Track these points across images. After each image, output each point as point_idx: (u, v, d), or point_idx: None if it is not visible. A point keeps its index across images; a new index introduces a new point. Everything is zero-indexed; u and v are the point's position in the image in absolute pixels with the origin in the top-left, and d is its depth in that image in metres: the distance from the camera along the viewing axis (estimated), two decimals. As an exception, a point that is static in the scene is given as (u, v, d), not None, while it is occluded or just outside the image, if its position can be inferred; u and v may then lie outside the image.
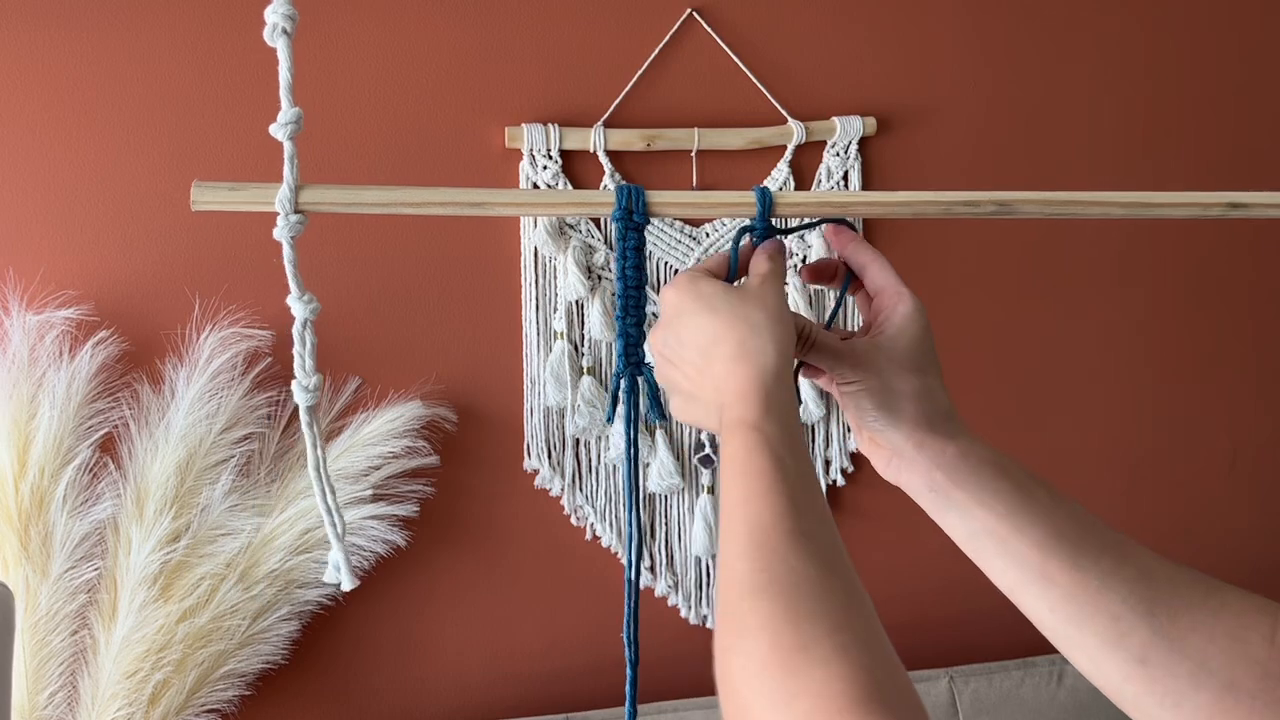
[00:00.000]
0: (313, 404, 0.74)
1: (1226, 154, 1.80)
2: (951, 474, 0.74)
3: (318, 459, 0.75)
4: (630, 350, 0.80)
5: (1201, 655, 0.64)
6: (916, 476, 0.75)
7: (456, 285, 1.53)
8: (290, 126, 0.71)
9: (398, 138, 1.48)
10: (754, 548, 0.61)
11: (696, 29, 1.56)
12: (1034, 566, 0.68)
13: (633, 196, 0.77)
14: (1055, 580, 0.68)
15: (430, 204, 0.76)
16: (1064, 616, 0.67)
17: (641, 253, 0.79)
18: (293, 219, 0.72)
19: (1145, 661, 0.64)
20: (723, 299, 0.73)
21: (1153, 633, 0.65)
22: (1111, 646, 0.65)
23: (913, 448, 0.75)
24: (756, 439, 0.67)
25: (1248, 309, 1.84)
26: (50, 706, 1.32)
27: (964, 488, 0.73)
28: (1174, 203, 0.81)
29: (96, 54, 1.39)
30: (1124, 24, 1.74)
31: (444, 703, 1.59)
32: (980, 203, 0.80)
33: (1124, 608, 0.65)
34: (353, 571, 0.78)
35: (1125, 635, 0.65)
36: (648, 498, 1.62)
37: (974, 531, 0.72)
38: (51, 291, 1.39)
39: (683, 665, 1.64)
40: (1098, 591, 0.66)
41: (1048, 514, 0.70)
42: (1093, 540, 0.68)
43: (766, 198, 0.78)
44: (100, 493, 1.35)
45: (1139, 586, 0.66)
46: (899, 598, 1.76)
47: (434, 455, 1.50)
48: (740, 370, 0.71)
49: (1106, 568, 0.67)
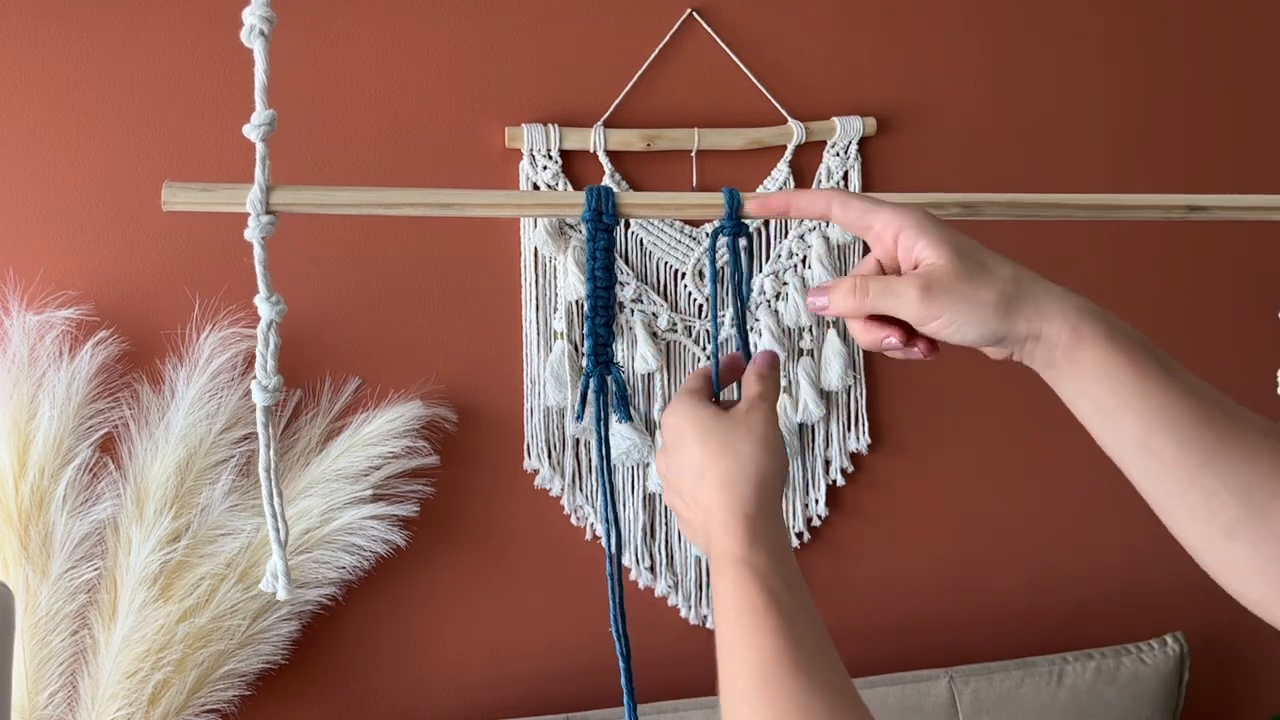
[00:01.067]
0: (270, 404, 0.74)
1: (1227, 154, 1.80)
2: (1067, 353, 0.69)
3: (268, 460, 0.75)
4: (600, 350, 0.81)
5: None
6: (1038, 362, 0.70)
7: (456, 285, 1.53)
8: (264, 128, 0.71)
9: (398, 138, 1.49)
10: (754, 689, 0.62)
11: (696, 29, 1.56)
12: (1138, 440, 0.66)
13: (602, 198, 0.78)
14: (1159, 455, 0.66)
15: (401, 205, 0.76)
16: (1161, 489, 0.66)
17: (611, 253, 0.80)
18: (264, 220, 0.72)
19: (1232, 537, 0.64)
20: (713, 427, 0.75)
21: (1246, 510, 0.64)
22: (1200, 521, 0.65)
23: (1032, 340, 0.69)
24: (745, 574, 0.67)
25: (1250, 309, 1.84)
26: (50, 706, 1.32)
27: (1078, 364, 0.68)
28: (1135, 205, 0.82)
29: (96, 54, 1.39)
30: (1123, 24, 1.74)
31: (444, 703, 1.59)
32: (945, 205, 0.81)
33: (1219, 485, 0.64)
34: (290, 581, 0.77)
35: (1215, 511, 0.64)
36: (648, 497, 1.62)
37: (1081, 409, 0.69)
38: (51, 291, 1.39)
39: (683, 665, 1.64)
40: (1198, 468, 0.65)
41: (1159, 389, 0.67)
42: (1200, 412, 0.66)
43: (735, 199, 0.79)
44: (100, 493, 1.35)
45: (1241, 464, 0.64)
46: (899, 598, 1.76)
47: (434, 455, 1.50)
48: (723, 499, 0.72)
49: (1211, 444, 0.65)
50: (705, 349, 1.60)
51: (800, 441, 1.66)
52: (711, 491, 0.73)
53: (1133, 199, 0.82)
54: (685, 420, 0.76)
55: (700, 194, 0.81)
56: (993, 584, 1.80)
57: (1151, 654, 1.72)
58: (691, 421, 0.76)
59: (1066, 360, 0.69)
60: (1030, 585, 1.82)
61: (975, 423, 1.74)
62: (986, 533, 1.78)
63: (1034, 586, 1.82)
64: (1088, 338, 0.68)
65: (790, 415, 1.63)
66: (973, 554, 1.78)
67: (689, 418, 0.76)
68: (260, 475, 0.75)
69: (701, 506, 0.74)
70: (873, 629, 1.75)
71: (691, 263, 1.58)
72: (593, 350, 0.81)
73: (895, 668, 1.68)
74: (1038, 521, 1.81)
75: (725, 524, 0.71)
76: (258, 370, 0.74)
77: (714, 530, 0.72)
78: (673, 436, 0.77)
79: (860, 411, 1.67)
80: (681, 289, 1.59)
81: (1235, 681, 1.93)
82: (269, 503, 0.76)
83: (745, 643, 0.64)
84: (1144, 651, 1.73)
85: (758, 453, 0.73)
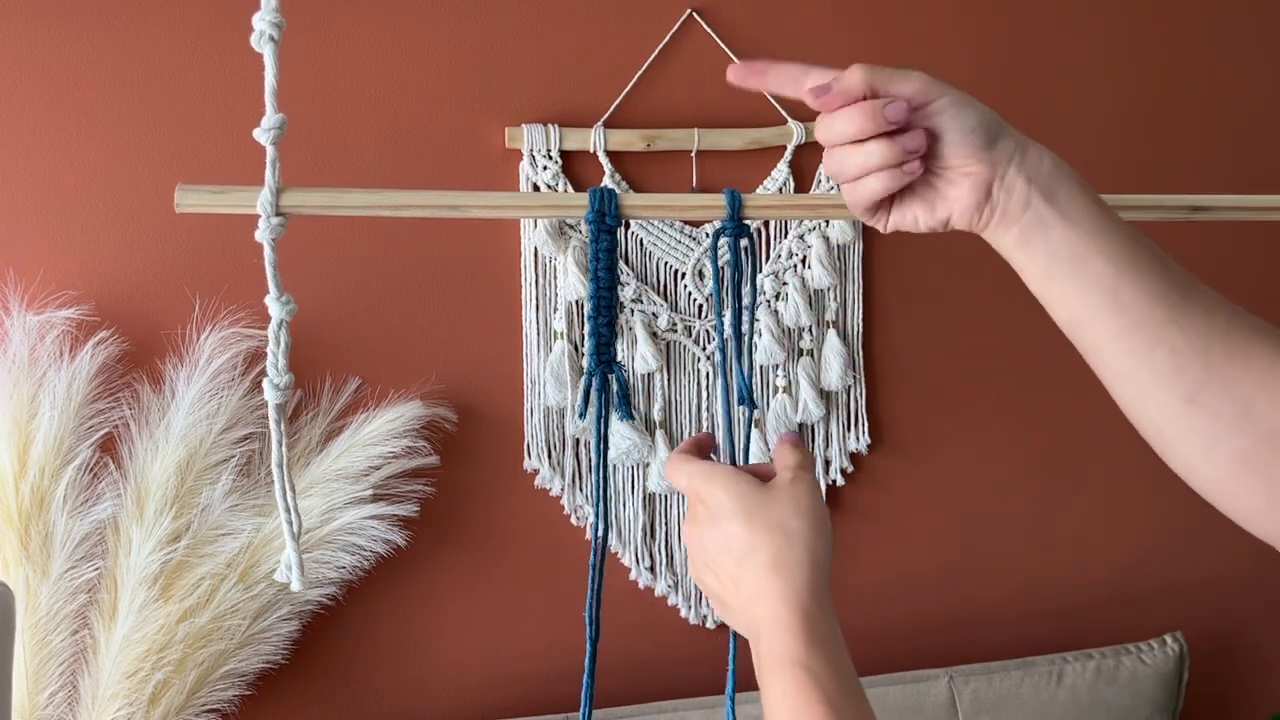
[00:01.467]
0: (281, 402, 0.76)
1: (1228, 154, 1.80)
2: (1046, 185, 0.68)
3: (281, 456, 0.76)
4: (602, 349, 0.81)
5: (1249, 399, 0.63)
6: (1016, 195, 0.68)
7: (456, 285, 1.53)
8: (274, 132, 0.72)
9: (398, 138, 1.49)
10: None
11: (696, 29, 1.56)
12: (1108, 291, 0.65)
13: (605, 199, 0.79)
14: (1126, 306, 0.65)
15: (408, 206, 0.77)
16: (1126, 347, 0.65)
17: (614, 254, 0.80)
18: (274, 221, 0.73)
19: (1193, 400, 0.63)
20: (757, 501, 0.70)
21: (1206, 369, 0.63)
22: (1164, 382, 0.64)
23: (1019, 157, 0.68)
24: (805, 680, 0.63)
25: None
26: (50, 706, 1.32)
27: (1054, 202, 0.67)
28: (1137, 205, 0.82)
29: (96, 54, 1.39)
30: (1120, 26, 1.74)
31: (444, 702, 1.59)
32: None
33: (1183, 341, 0.64)
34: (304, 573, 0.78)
35: (1180, 370, 0.64)
36: (647, 497, 1.62)
37: (1056, 254, 0.67)
38: (51, 291, 1.39)
39: (683, 665, 1.64)
40: (1164, 323, 0.64)
41: (1129, 239, 0.67)
42: (1167, 272, 0.66)
43: (736, 200, 0.79)
44: (100, 493, 1.35)
45: (1200, 322, 0.64)
46: (899, 598, 1.76)
47: (434, 455, 1.50)
48: (775, 587, 0.67)
49: (1175, 300, 0.65)
50: (705, 349, 1.60)
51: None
52: (761, 576, 0.67)
53: (1135, 199, 0.82)
54: (723, 491, 0.71)
55: (701, 195, 0.81)
56: (993, 584, 1.80)
57: (1151, 654, 1.72)
58: (731, 494, 0.70)
59: (1044, 194, 0.67)
60: (1030, 585, 1.82)
61: (975, 423, 1.74)
62: (986, 533, 1.78)
63: (1034, 586, 1.82)
64: (1065, 173, 0.68)
65: (790, 415, 1.63)
66: (973, 554, 1.78)
67: (727, 488, 0.71)
68: (274, 470, 0.77)
69: (745, 590, 0.68)
70: (873, 629, 1.75)
71: (691, 263, 1.59)
72: (595, 349, 0.81)
73: (895, 667, 1.68)
74: (1038, 521, 1.81)
75: (780, 619, 0.66)
76: (269, 369, 0.75)
77: (764, 621, 0.67)
78: (707, 512, 0.71)
79: (860, 411, 1.67)
80: (681, 289, 1.59)
81: (1235, 681, 1.93)
82: (282, 497, 0.77)
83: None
84: (1144, 651, 1.73)
85: (809, 531, 0.68)
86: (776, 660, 0.64)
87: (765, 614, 0.67)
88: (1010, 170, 0.68)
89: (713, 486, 0.72)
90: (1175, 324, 0.64)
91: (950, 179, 0.70)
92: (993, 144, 0.69)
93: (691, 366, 1.60)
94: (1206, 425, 0.63)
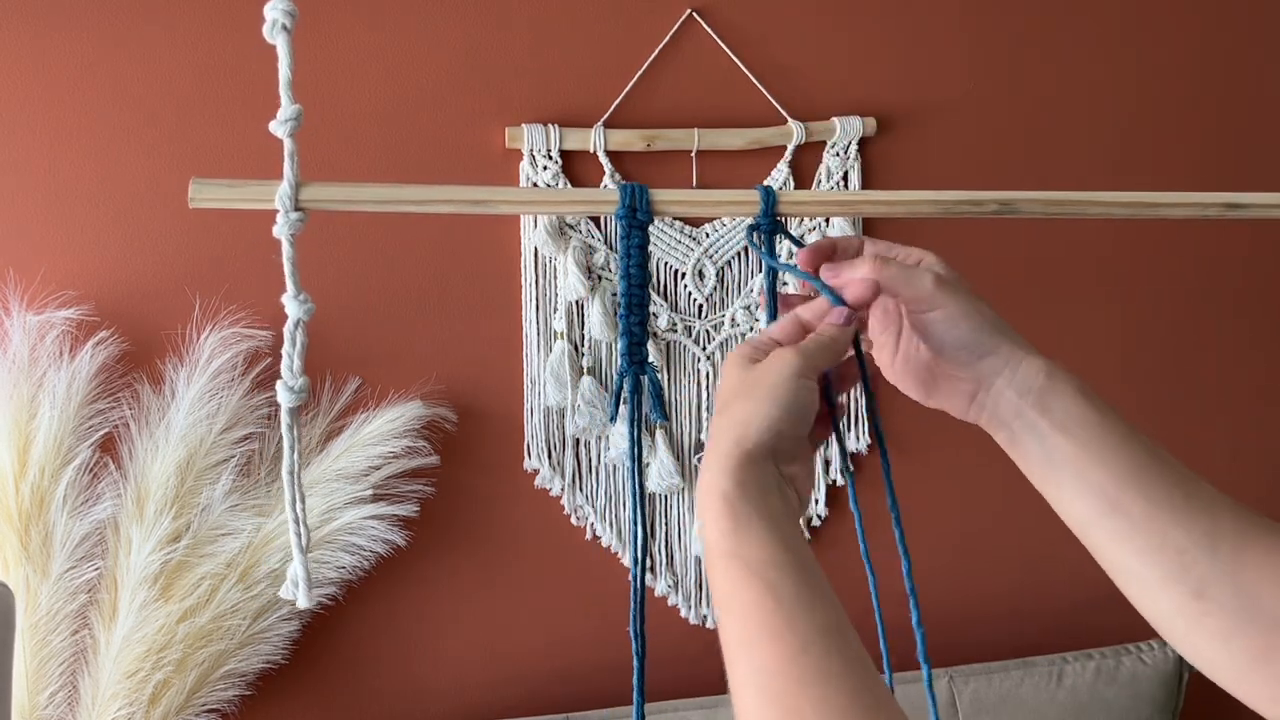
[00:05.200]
0: (295, 405, 0.72)
1: (1228, 154, 1.80)
2: (1039, 399, 0.70)
3: (293, 463, 0.73)
4: (634, 349, 0.79)
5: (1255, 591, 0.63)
6: (1004, 407, 0.71)
7: (456, 285, 1.53)
8: (290, 124, 0.70)
9: (398, 138, 1.49)
10: (766, 702, 0.56)
11: (696, 29, 1.56)
12: (1109, 498, 0.67)
13: (636, 195, 0.77)
14: (1128, 512, 0.66)
15: (431, 202, 0.75)
16: (1132, 549, 0.66)
17: (645, 251, 0.78)
18: (293, 216, 0.71)
19: (1201, 596, 0.64)
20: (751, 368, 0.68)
21: (1213, 566, 0.64)
22: (1173, 580, 0.65)
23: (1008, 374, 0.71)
24: (737, 569, 0.60)
25: (1249, 309, 1.84)
26: (50, 706, 1.32)
27: (1048, 414, 0.69)
28: (1173, 203, 0.81)
29: (97, 54, 1.39)
30: (1124, 23, 1.74)
31: (444, 702, 1.59)
32: (983, 202, 0.80)
33: (1189, 540, 0.65)
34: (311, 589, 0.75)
35: (1188, 568, 0.64)
36: (648, 498, 1.62)
37: (1053, 461, 0.69)
38: (51, 291, 1.39)
39: (683, 665, 1.64)
40: (1168, 524, 0.65)
41: (1127, 444, 0.68)
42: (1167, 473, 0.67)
43: (770, 196, 0.78)
44: (100, 493, 1.35)
45: (1204, 520, 0.65)
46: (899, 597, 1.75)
47: (434, 455, 1.50)
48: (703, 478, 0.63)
49: (1178, 501, 0.66)
50: (705, 349, 1.60)
51: (800, 441, 1.65)
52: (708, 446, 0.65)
53: (1171, 197, 0.81)
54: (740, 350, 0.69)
55: (736, 191, 0.79)
56: (993, 584, 1.80)
57: (1151, 654, 1.72)
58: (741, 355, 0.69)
59: (1037, 408, 0.70)
60: (1030, 585, 1.82)
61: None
62: (986, 533, 1.78)
63: (1034, 586, 1.82)
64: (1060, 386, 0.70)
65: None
66: (973, 554, 1.78)
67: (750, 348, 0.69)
68: (284, 478, 0.74)
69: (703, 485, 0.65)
70: (873, 628, 1.74)
71: (691, 263, 1.59)
72: (627, 349, 0.79)
73: (895, 667, 1.67)
74: (1037, 521, 1.80)
75: (706, 509, 0.63)
76: (284, 370, 0.72)
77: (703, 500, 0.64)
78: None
79: (860, 411, 1.67)
80: (681, 289, 1.59)
81: (1235, 681, 1.92)
82: (292, 508, 0.74)
83: (750, 649, 0.57)
84: (1144, 651, 1.73)
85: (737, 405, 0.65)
86: (712, 554, 0.62)
87: (701, 497, 0.64)
88: (999, 383, 0.71)
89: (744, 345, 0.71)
90: (1179, 525, 0.65)
91: (943, 376, 0.74)
92: (979, 360, 0.71)
93: (691, 366, 1.60)
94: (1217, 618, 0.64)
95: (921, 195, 0.81)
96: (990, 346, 0.71)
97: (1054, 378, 0.70)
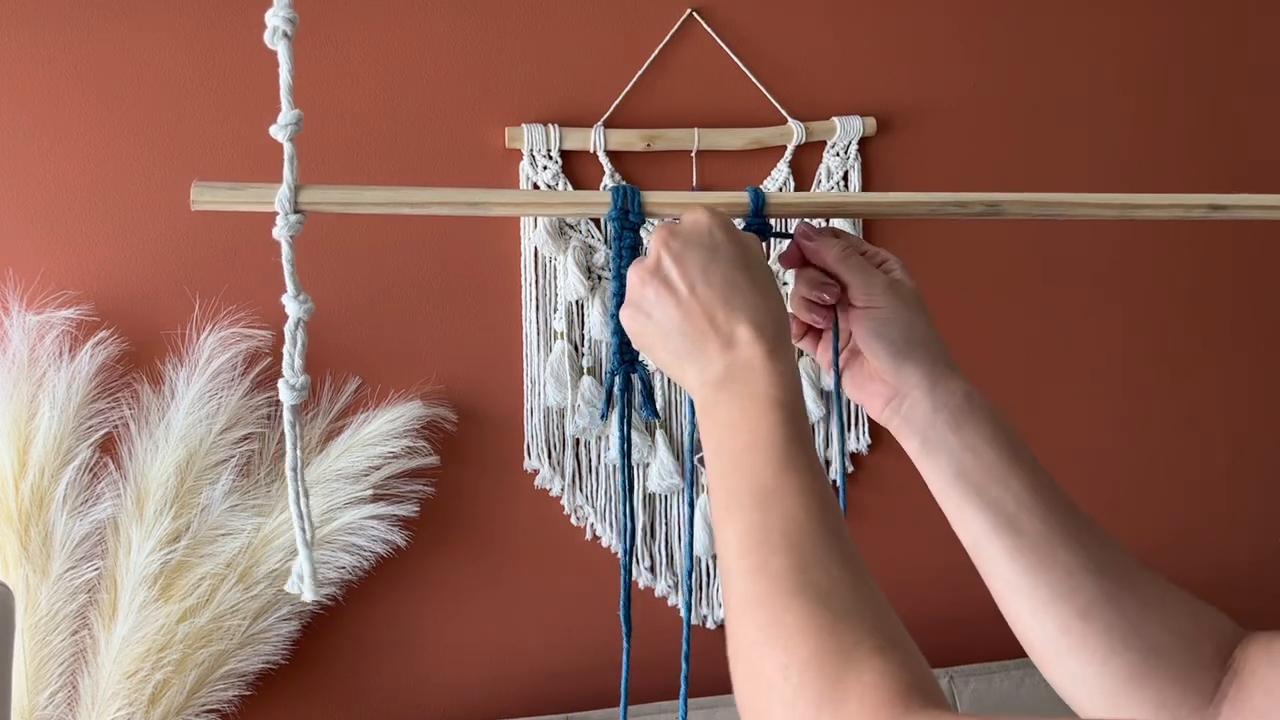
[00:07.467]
0: (297, 403, 0.74)
1: (1227, 154, 1.80)
2: (953, 416, 0.73)
3: (296, 460, 0.74)
4: (625, 348, 0.80)
5: (1138, 619, 0.67)
6: (918, 417, 0.74)
7: (456, 285, 1.53)
8: (290, 128, 0.71)
9: (398, 138, 1.49)
10: (790, 547, 0.60)
11: (696, 29, 1.56)
12: (1006, 515, 0.71)
13: (629, 197, 0.78)
14: (1024, 530, 0.70)
15: (429, 204, 0.76)
16: (1022, 566, 0.70)
17: (637, 252, 0.79)
18: (292, 219, 0.72)
19: (1087, 616, 0.68)
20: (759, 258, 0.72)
21: (1099, 590, 0.68)
22: (1061, 599, 0.69)
23: (927, 386, 0.74)
24: (783, 417, 0.64)
25: (1246, 311, 1.84)
26: (50, 706, 1.32)
27: (960, 432, 0.73)
28: (1158, 204, 0.82)
29: (97, 54, 1.39)
30: (1123, 24, 1.74)
31: (444, 702, 1.59)
32: (969, 203, 0.81)
33: (1077, 563, 0.68)
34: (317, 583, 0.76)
35: (1075, 590, 0.68)
36: (647, 497, 1.62)
37: (957, 477, 0.73)
38: (51, 291, 1.39)
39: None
40: (1059, 545, 0.69)
41: (1030, 472, 0.72)
42: (1063, 504, 0.71)
43: (759, 198, 0.79)
44: (100, 493, 1.35)
45: (1094, 549, 0.69)
46: (899, 597, 1.75)
47: (434, 455, 1.50)
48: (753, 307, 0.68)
49: (1070, 528, 0.70)
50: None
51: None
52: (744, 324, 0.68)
53: (1156, 198, 0.82)
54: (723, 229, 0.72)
55: (726, 193, 0.80)
56: (993, 584, 1.80)
57: (1151, 654, 1.72)
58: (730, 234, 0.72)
59: (950, 425, 0.73)
60: (1030, 585, 1.81)
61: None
62: (986, 533, 1.78)
63: (1034, 586, 1.82)
64: (976, 411, 0.73)
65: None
66: (973, 554, 1.78)
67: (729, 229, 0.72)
68: (288, 475, 0.75)
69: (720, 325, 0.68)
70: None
71: (691, 263, 1.58)
72: (618, 348, 0.81)
73: (895, 668, 1.67)
74: (1038, 521, 1.80)
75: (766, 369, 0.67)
76: (285, 369, 0.73)
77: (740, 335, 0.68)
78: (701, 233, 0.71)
79: (860, 412, 1.67)
80: (681, 289, 1.59)
81: (1235, 681, 1.92)
82: (296, 503, 0.75)
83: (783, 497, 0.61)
84: (1144, 651, 1.72)
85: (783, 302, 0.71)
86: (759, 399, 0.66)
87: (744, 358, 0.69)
88: (916, 394, 0.74)
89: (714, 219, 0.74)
90: (1069, 548, 0.69)
91: (868, 374, 0.78)
92: (900, 365, 0.75)
93: (691, 366, 1.60)
94: (1098, 640, 0.67)
95: (909, 197, 0.82)
96: (913, 356, 0.75)
97: (971, 400, 0.74)
